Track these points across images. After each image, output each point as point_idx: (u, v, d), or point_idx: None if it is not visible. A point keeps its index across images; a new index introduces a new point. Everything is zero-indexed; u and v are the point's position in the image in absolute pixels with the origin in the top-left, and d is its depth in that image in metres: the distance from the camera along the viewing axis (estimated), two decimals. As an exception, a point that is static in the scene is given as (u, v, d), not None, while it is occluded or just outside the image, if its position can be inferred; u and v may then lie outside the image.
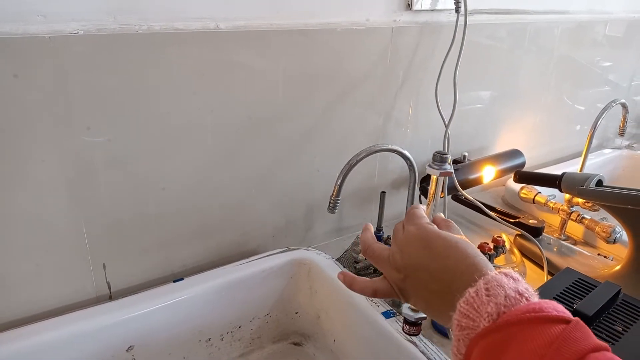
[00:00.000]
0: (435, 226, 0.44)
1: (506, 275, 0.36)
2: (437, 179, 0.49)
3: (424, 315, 0.47)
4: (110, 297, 0.75)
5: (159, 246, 0.76)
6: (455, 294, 0.36)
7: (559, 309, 0.33)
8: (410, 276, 0.42)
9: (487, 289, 0.34)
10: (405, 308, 0.48)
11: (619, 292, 0.63)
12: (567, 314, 0.33)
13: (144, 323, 0.69)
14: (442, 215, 0.49)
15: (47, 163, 0.63)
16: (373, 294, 0.45)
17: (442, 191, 0.94)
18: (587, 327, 0.32)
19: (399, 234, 0.45)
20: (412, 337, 0.63)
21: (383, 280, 0.45)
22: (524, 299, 0.34)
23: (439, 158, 0.48)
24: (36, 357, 0.62)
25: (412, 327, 0.48)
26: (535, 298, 0.34)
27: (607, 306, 0.61)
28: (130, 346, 0.68)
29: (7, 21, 0.55)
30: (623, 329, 0.58)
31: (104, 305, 0.69)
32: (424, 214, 0.46)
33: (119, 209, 0.70)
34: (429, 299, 0.41)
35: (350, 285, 0.47)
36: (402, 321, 0.54)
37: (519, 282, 0.35)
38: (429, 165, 0.49)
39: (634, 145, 1.53)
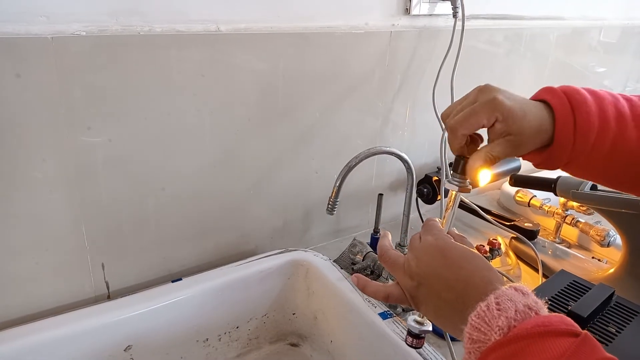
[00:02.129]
0: (452, 238, 0.45)
1: (516, 289, 0.36)
2: (455, 195, 0.49)
3: (429, 329, 0.47)
4: (109, 297, 0.75)
5: (158, 246, 0.76)
6: (467, 306, 0.37)
7: (567, 322, 0.34)
8: (424, 284, 0.43)
9: (497, 303, 0.35)
10: (410, 320, 0.48)
11: (612, 294, 0.64)
12: (576, 327, 0.34)
13: (142, 323, 0.69)
14: (455, 230, 0.50)
15: (47, 162, 0.63)
16: (385, 298, 0.46)
17: (439, 194, 0.94)
18: (595, 341, 0.33)
19: (415, 243, 0.46)
20: (415, 349, 0.62)
21: (396, 285, 0.46)
22: (533, 313, 0.34)
23: (458, 177, 0.49)
24: (34, 356, 0.62)
25: (415, 339, 0.48)
26: (544, 311, 0.35)
27: (601, 308, 0.62)
28: (128, 346, 0.68)
29: (10, 21, 0.56)
30: (617, 331, 0.59)
31: (102, 304, 0.69)
32: (441, 227, 0.47)
33: (118, 209, 0.70)
34: (440, 308, 0.41)
35: (363, 288, 0.48)
36: (405, 332, 0.54)
37: (528, 296, 0.36)
38: (449, 181, 0.49)
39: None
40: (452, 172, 0.49)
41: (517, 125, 0.46)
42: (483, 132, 0.48)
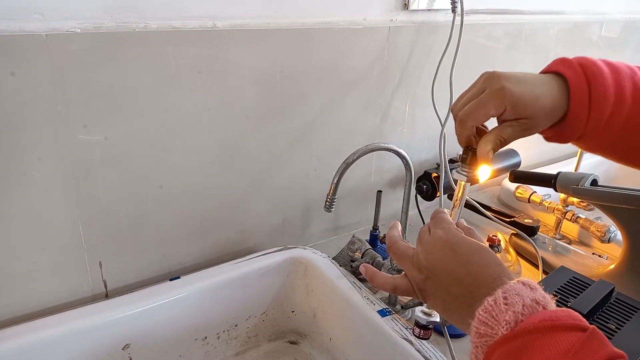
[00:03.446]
0: (462, 231, 0.45)
1: (524, 284, 0.36)
2: (464, 185, 0.49)
3: (436, 320, 0.47)
4: (107, 296, 0.75)
5: (156, 244, 0.76)
6: (475, 300, 0.37)
7: (575, 317, 0.34)
8: (432, 277, 0.42)
9: (505, 298, 0.35)
10: (418, 311, 0.48)
11: (612, 291, 0.64)
12: (584, 322, 0.33)
13: (140, 321, 0.69)
14: (464, 221, 0.50)
15: (43, 161, 0.63)
16: (393, 290, 0.46)
17: (438, 190, 0.94)
18: (603, 335, 0.32)
19: (425, 236, 0.46)
20: (422, 340, 0.62)
21: (404, 278, 0.46)
22: (540, 307, 0.34)
23: (467, 167, 0.48)
24: (32, 356, 0.62)
25: (423, 330, 0.48)
26: (552, 306, 0.35)
27: (601, 304, 0.62)
28: (127, 344, 0.68)
29: (4, 19, 0.55)
30: (617, 327, 0.59)
31: (100, 303, 0.69)
32: (451, 219, 0.47)
33: (115, 207, 0.70)
34: (448, 301, 0.41)
35: (371, 279, 0.48)
36: (412, 324, 0.54)
37: (536, 290, 0.36)
38: (457, 171, 0.49)
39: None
40: (460, 162, 0.49)
41: (528, 111, 0.45)
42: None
